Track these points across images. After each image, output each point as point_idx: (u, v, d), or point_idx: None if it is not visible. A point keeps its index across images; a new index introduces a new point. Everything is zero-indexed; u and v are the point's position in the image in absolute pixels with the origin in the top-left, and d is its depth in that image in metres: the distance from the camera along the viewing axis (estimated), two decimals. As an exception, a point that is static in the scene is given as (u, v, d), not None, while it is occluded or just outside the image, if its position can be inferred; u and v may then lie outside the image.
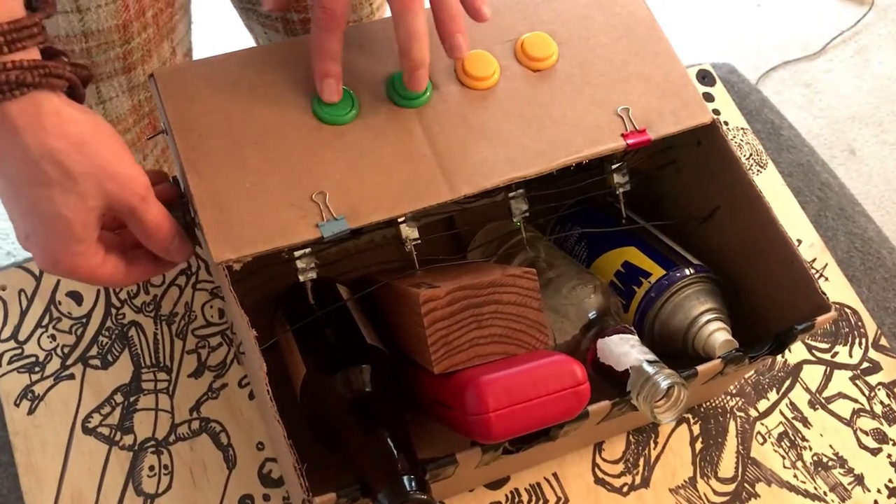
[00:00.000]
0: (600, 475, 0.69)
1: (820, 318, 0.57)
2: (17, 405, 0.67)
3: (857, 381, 0.76)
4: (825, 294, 0.58)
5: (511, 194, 0.63)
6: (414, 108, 0.59)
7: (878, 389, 0.76)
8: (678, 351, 0.63)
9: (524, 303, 0.54)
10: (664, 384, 0.52)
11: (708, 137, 0.63)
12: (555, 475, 0.69)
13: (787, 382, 0.75)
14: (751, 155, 0.85)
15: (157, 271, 0.57)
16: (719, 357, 0.56)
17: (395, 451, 0.49)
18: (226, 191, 0.54)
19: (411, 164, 0.57)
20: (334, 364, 0.56)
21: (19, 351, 0.69)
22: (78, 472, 0.65)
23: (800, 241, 0.82)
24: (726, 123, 0.87)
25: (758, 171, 0.85)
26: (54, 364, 0.69)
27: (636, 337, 0.56)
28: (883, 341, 0.78)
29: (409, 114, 0.59)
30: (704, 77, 0.89)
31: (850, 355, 0.77)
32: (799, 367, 0.76)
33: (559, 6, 0.64)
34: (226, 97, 0.57)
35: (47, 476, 0.65)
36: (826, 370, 0.76)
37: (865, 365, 0.77)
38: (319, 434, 0.55)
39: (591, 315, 0.59)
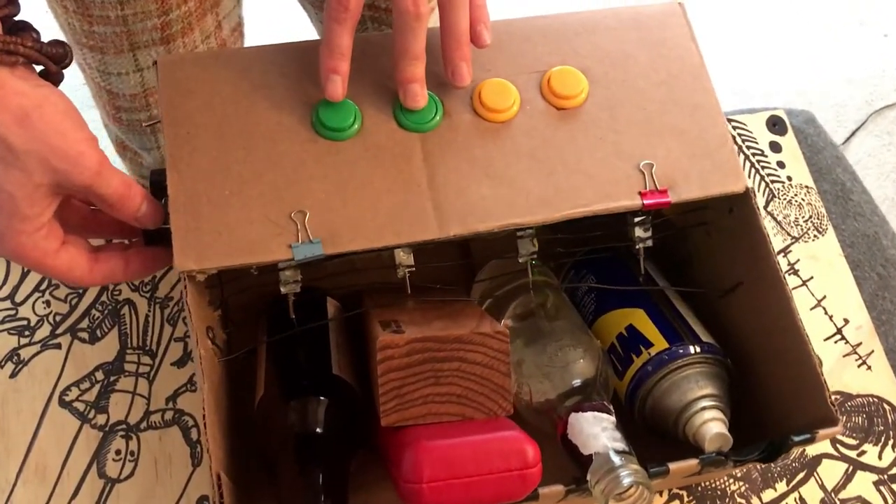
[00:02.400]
0: (576, 540, 0.65)
1: (822, 432, 0.51)
2: (2, 366, 0.67)
3: (882, 488, 0.69)
4: (835, 406, 0.52)
5: (519, 233, 0.58)
6: (419, 132, 0.55)
7: (904, 500, 0.69)
8: (668, 432, 0.57)
9: (491, 364, 0.50)
10: (626, 481, 0.47)
11: (739, 206, 0.57)
12: (526, 531, 0.65)
13: (801, 475, 0.69)
14: (810, 217, 0.78)
15: (126, 274, 0.54)
16: (699, 459, 0.51)
17: (323, 502, 0.46)
18: (203, 195, 0.52)
19: (403, 193, 0.54)
20: (291, 390, 0.54)
21: (13, 312, 0.69)
22: (47, 443, 0.65)
23: (846, 322, 0.74)
24: (789, 179, 0.80)
25: (815, 237, 0.77)
26: (44, 331, 0.69)
27: (612, 419, 0.51)
28: (920, 447, 0.71)
29: (412, 138, 0.55)
30: (775, 124, 0.81)
31: (880, 457, 0.70)
32: (818, 460, 0.70)
33: (600, 40, 0.59)
34: (223, 96, 0.55)
35: (16, 444, 0.65)
36: (848, 469, 0.69)
37: (895, 471, 0.70)
38: (263, 461, 0.53)
39: (575, 383, 0.55)
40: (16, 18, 0.48)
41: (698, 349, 0.57)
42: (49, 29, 0.54)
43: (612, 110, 0.57)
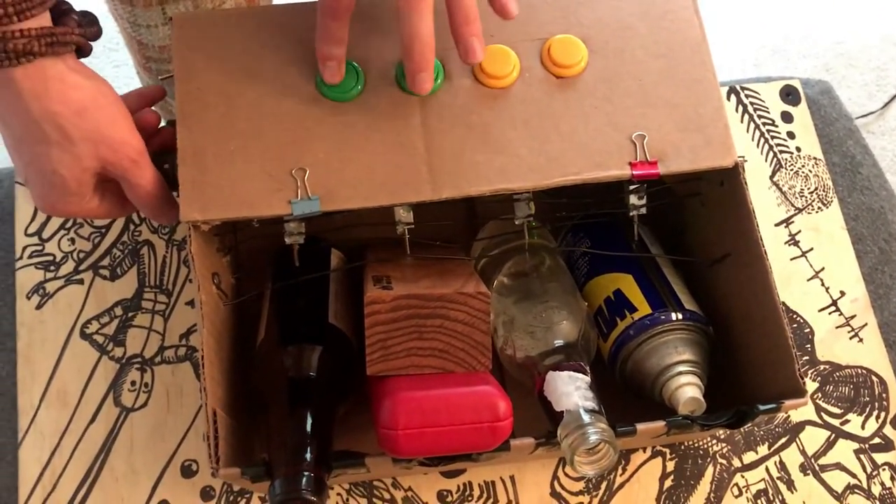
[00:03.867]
0: (558, 489, 0.68)
1: (788, 403, 0.53)
2: (29, 298, 0.72)
3: (862, 456, 0.71)
4: (803, 379, 0.54)
5: (515, 197, 0.60)
6: (419, 96, 0.57)
7: (883, 470, 0.71)
8: (646, 394, 0.60)
9: (472, 323, 0.52)
10: (593, 438, 0.50)
11: (729, 180, 0.59)
12: (512, 478, 0.69)
13: (783, 440, 0.71)
14: (815, 189, 0.79)
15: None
16: (667, 421, 0.54)
17: (308, 443, 0.50)
18: (209, 150, 0.55)
19: (400, 155, 0.56)
20: (287, 336, 0.57)
21: (40, 248, 0.73)
22: (68, 371, 0.70)
23: (842, 294, 0.76)
24: (798, 150, 0.80)
25: (819, 209, 0.78)
26: (68, 266, 0.73)
27: (587, 379, 0.54)
28: (904, 420, 0.72)
29: (412, 101, 0.57)
30: (789, 94, 0.82)
31: (863, 427, 0.72)
32: (801, 426, 0.72)
33: (602, 10, 0.60)
34: (233, 54, 0.57)
35: (40, 370, 0.70)
36: (830, 436, 0.72)
37: (876, 441, 0.72)
38: (259, 400, 0.57)
39: (557, 343, 0.57)
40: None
41: (680, 316, 0.59)
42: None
43: (609, 81, 0.58)
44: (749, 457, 0.70)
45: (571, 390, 0.53)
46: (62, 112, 0.50)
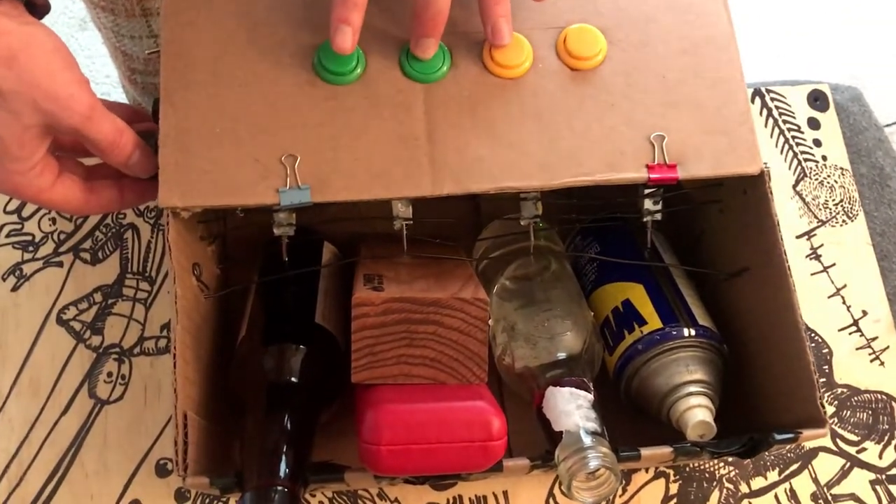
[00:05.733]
0: (553, 507, 0.65)
1: (806, 433, 0.49)
2: (4, 279, 0.68)
3: (878, 487, 0.67)
4: (824, 407, 0.50)
5: (522, 195, 0.56)
6: (424, 82, 0.53)
7: (900, 502, 0.67)
8: (652, 413, 0.56)
9: (468, 331, 0.48)
10: (593, 463, 0.46)
11: (753, 189, 0.55)
12: (505, 493, 0.65)
13: (795, 466, 0.67)
14: (840, 201, 0.74)
15: (122, 203, 0.54)
16: (674, 447, 0.49)
17: (284, 454, 0.46)
18: (194, 131, 0.51)
19: (400, 145, 0.52)
20: (270, 335, 0.53)
21: (19, 227, 0.70)
22: (42, 359, 0.66)
23: (864, 313, 0.71)
24: (824, 158, 0.76)
25: (843, 221, 0.74)
26: (48, 248, 0.69)
27: (590, 397, 0.50)
28: (925, 450, 0.68)
29: (415, 88, 0.53)
30: (817, 99, 0.77)
31: (881, 457, 0.68)
32: (814, 452, 0.67)
33: (624, 0, 0.56)
34: (224, 30, 0.53)
35: (13, 356, 0.66)
36: (845, 465, 0.67)
37: (894, 471, 0.67)
38: (235, 403, 0.53)
39: (559, 356, 0.53)
40: None
41: (693, 332, 0.55)
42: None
43: (627, 76, 0.54)
44: (758, 482, 0.66)
45: (572, 409, 0.49)
46: None
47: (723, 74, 0.54)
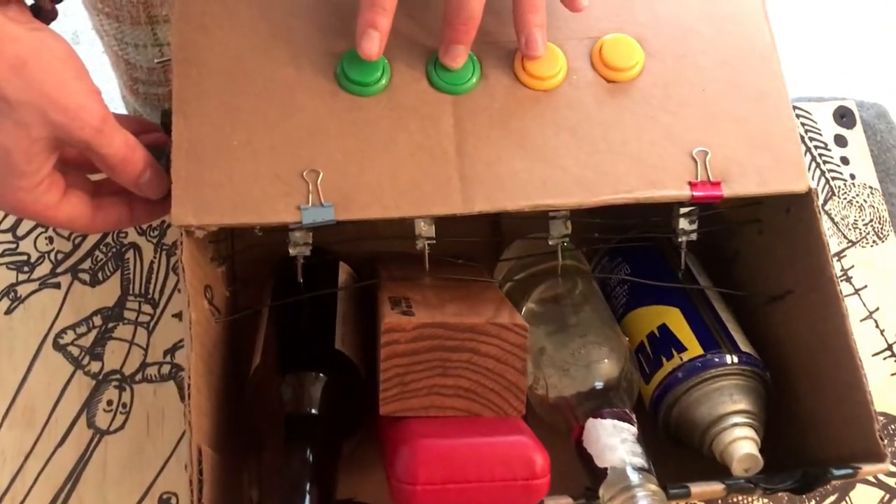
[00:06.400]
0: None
1: (866, 468, 0.46)
2: (-3, 302, 0.64)
3: (918, 520, 0.64)
4: (883, 440, 0.46)
5: (551, 214, 0.53)
6: (452, 94, 0.50)
7: (942, 537, 0.64)
8: (693, 445, 0.53)
9: (505, 359, 0.45)
10: (642, 503, 0.42)
11: (799, 207, 0.52)
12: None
13: (832, 498, 0.64)
14: (870, 221, 0.72)
15: (130, 221, 0.51)
16: (726, 483, 0.46)
17: (308, 493, 0.42)
18: (209, 143, 0.48)
19: (428, 160, 0.49)
20: (287, 362, 0.50)
21: (14, 246, 0.66)
22: (37, 386, 0.62)
23: (898, 340, 0.69)
24: (852, 177, 0.73)
25: (874, 242, 0.71)
26: (44, 268, 0.65)
27: (634, 430, 0.47)
28: (965, 482, 0.65)
29: (444, 100, 0.50)
30: (843, 116, 0.75)
31: (919, 487, 0.65)
32: (852, 484, 0.64)
33: (661, 8, 0.53)
34: (241, 35, 0.50)
35: (6, 383, 0.62)
36: (884, 497, 0.64)
37: (934, 504, 0.65)
38: (251, 435, 0.49)
39: (597, 385, 0.50)
40: None
41: (736, 359, 0.52)
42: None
43: (666, 88, 0.51)
44: (793, 516, 0.63)
45: (616, 443, 0.45)
46: None
47: (765, 87, 0.52)
